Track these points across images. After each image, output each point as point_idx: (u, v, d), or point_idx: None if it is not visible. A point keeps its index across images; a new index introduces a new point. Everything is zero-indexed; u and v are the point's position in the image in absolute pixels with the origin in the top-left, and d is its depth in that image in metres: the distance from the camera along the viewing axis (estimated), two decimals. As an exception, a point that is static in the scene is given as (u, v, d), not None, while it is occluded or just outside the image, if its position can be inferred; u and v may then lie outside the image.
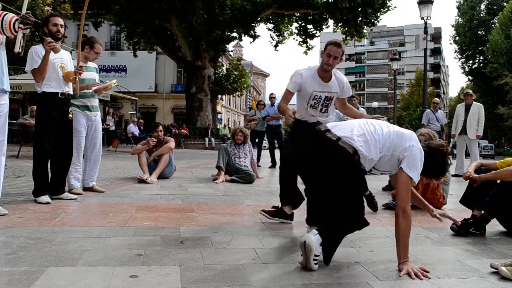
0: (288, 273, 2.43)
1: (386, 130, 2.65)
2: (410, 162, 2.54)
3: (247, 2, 22.47)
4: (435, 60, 71.81)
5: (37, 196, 4.36)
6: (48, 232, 3.11)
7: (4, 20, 3.44)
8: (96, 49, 5.18)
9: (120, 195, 5.14)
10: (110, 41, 36.97)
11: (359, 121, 2.78)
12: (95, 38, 5.28)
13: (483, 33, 43.46)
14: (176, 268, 2.39)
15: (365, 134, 2.60)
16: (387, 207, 4.75)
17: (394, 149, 2.59)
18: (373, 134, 2.61)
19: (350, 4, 20.29)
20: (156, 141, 6.96)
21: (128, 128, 18.54)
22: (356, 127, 2.66)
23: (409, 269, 2.42)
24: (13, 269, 2.26)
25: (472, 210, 3.71)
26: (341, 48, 3.78)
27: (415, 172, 2.54)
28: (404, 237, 2.53)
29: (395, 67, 24.29)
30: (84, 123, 5.07)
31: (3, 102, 3.73)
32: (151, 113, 36.72)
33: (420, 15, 14.36)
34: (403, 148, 2.56)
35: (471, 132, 9.45)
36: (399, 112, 49.45)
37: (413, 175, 2.53)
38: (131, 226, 3.45)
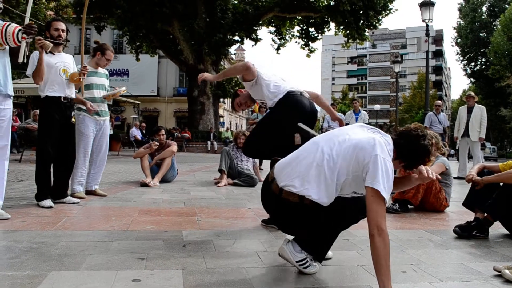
0: (291, 276, 2.42)
1: (345, 150, 2.25)
2: (370, 175, 2.14)
3: (249, 6, 22.53)
4: (437, 62, 71.79)
5: (40, 200, 4.37)
6: (50, 236, 3.11)
7: (7, 30, 3.47)
8: (107, 55, 5.22)
9: (122, 199, 5.15)
10: (113, 45, 37.02)
11: (313, 148, 2.37)
12: (107, 45, 5.33)
13: (485, 35, 43.40)
14: (179, 272, 2.39)
15: (312, 169, 2.28)
16: (386, 211, 4.72)
17: (354, 170, 2.22)
18: (327, 165, 2.25)
19: (352, 7, 20.29)
20: (158, 145, 6.97)
21: (131, 131, 18.55)
22: (305, 162, 2.33)
23: None
24: (16, 273, 2.27)
25: (475, 213, 3.70)
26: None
27: (378, 183, 2.11)
28: (386, 259, 2.09)
29: (397, 70, 24.30)
30: (93, 128, 5.09)
31: (6, 107, 3.75)
32: (153, 117, 36.76)
33: (422, 18, 14.37)
34: (364, 164, 2.18)
35: (474, 134, 9.43)
36: (401, 114, 49.39)
37: (379, 187, 2.11)
38: (134, 230, 3.46)
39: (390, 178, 2.17)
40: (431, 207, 4.77)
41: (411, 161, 2.38)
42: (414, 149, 2.33)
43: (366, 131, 2.37)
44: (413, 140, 2.34)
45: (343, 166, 2.24)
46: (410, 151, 2.34)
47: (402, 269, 2.58)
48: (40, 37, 4.20)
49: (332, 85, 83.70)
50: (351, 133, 2.34)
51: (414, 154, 2.35)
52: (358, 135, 2.31)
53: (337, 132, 2.39)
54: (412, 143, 2.34)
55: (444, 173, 4.78)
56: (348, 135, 2.32)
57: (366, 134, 2.31)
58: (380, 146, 2.21)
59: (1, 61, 3.67)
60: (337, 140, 2.31)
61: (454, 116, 38.64)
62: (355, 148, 2.22)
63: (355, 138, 2.28)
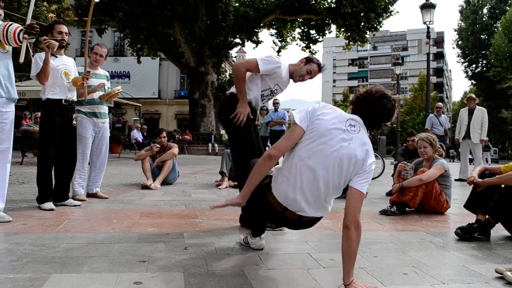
0: (292, 278, 2.42)
1: (345, 171, 2.32)
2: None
3: (250, 8, 22.56)
4: (438, 64, 71.81)
5: (41, 202, 4.37)
6: (52, 239, 3.12)
7: (8, 30, 3.48)
8: (95, 49, 5.17)
9: (123, 201, 5.15)
10: (114, 47, 37.10)
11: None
12: (97, 44, 5.31)
13: (486, 37, 43.43)
14: (180, 274, 2.39)
15: (321, 199, 2.43)
16: (383, 213, 4.72)
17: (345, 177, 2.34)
18: (332, 192, 2.41)
19: (353, 9, 20.31)
20: (159, 147, 6.98)
21: (132, 134, 18.57)
22: (311, 193, 2.39)
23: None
24: (18, 276, 2.27)
25: (476, 215, 3.69)
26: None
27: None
28: (356, 250, 2.20)
29: (398, 72, 24.28)
30: (91, 130, 5.08)
31: (9, 110, 3.77)
32: (154, 119, 36.77)
33: (423, 20, 14.35)
34: (355, 171, 2.32)
35: (475, 136, 9.42)
36: (402, 116, 49.32)
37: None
38: (135, 232, 3.46)
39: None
40: (432, 210, 4.77)
41: (371, 122, 2.44)
42: (373, 107, 2.40)
43: (343, 133, 2.33)
44: (373, 100, 2.42)
45: (341, 183, 2.36)
46: (370, 110, 2.41)
47: (403, 272, 2.57)
48: (46, 37, 4.21)
49: (333, 87, 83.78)
50: (338, 146, 2.29)
51: (373, 114, 2.42)
52: (346, 147, 2.29)
53: (328, 151, 2.29)
54: (371, 102, 2.42)
55: (443, 175, 4.78)
56: (336, 150, 2.28)
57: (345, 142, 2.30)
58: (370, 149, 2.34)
59: (4, 63, 3.68)
60: (331, 161, 2.29)
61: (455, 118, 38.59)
62: (350, 161, 2.28)
63: (346, 152, 2.28)
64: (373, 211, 4.89)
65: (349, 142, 2.28)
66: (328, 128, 2.31)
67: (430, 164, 4.86)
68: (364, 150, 2.30)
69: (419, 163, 5.05)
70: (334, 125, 2.33)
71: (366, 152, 2.31)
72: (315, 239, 3.38)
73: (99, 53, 5.19)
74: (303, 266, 2.63)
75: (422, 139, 4.92)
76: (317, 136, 2.31)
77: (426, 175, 4.64)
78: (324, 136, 2.30)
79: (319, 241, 3.31)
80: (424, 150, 4.88)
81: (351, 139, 2.29)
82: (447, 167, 4.82)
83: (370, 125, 2.45)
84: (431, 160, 4.89)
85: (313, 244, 3.21)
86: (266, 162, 2.35)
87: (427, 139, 4.89)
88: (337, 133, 2.30)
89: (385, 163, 10.01)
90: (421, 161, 5.06)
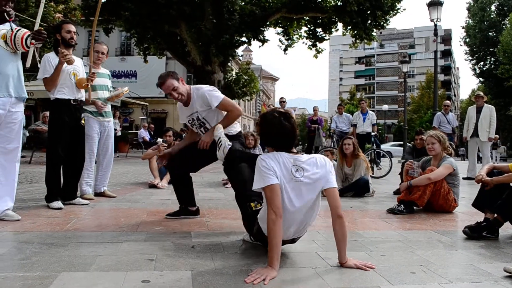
0: (300, 277, 2.42)
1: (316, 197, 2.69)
2: (328, 181, 2.64)
3: (256, 7, 22.52)
4: (446, 62, 71.35)
5: (50, 201, 4.41)
6: (60, 238, 3.14)
7: (16, 36, 3.53)
8: (95, 48, 5.17)
9: (131, 200, 5.18)
10: (121, 47, 37.22)
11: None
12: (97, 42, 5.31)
13: (494, 34, 43.04)
14: (188, 273, 2.40)
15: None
16: (390, 211, 4.71)
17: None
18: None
19: (359, 7, 20.20)
20: (166, 146, 6.99)
21: (139, 133, 18.65)
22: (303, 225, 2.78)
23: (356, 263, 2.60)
24: (27, 274, 2.29)
25: (484, 214, 3.67)
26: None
27: (335, 183, 2.67)
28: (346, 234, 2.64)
29: (405, 70, 24.16)
30: (97, 129, 5.12)
31: (18, 110, 3.80)
32: (161, 118, 36.85)
33: (430, 17, 14.27)
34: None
35: (483, 134, 9.35)
36: (409, 115, 49.12)
37: (336, 185, 2.68)
38: (143, 231, 3.47)
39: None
40: (440, 209, 4.74)
41: (266, 141, 2.79)
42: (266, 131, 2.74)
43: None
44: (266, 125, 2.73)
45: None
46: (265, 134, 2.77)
47: (411, 270, 2.57)
48: (67, 52, 4.23)
49: (340, 85, 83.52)
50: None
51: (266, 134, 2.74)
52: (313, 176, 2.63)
53: (303, 187, 2.61)
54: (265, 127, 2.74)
55: (451, 174, 4.75)
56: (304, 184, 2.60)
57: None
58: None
59: (14, 64, 3.71)
60: (308, 196, 2.63)
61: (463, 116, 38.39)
62: (319, 186, 2.64)
63: (314, 179, 2.62)
64: (380, 210, 4.88)
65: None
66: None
67: (438, 162, 4.83)
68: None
69: (427, 161, 5.03)
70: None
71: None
72: (323, 238, 3.38)
73: (100, 51, 5.20)
74: (310, 265, 2.63)
75: (431, 135, 4.90)
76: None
77: (434, 174, 4.62)
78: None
79: (326, 240, 3.31)
80: (432, 146, 4.86)
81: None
82: (456, 166, 4.79)
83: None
84: (439, 158, 4.86)
85: (320, 243, 3.21)
86: (277, 223, 2.45)
87: (436, 136, 4.86)
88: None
89: (392, 161, 9.97)
90: (429, 159, 5.04)
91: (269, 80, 77.53)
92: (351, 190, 6.12)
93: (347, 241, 2.61)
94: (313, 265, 2.62)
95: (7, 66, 3.64)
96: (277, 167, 2.54)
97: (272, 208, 2.45)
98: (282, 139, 2.65)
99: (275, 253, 2.42)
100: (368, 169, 6.37)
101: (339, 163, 6.39)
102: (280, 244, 2.47)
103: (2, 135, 3.71)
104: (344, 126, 11.80)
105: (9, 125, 3.73)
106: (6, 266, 2.45)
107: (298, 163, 2.60)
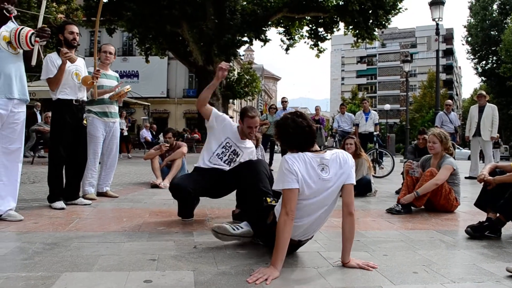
0: (302, 277, 2.42)
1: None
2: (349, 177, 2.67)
3: (257, 7, 22.53)
4: (448, 61, 71.25)
5: (52, 201, 4.41)
6: (63, 238, 3.14)
7: (20, 34, 3.53)
8: (103, 48, 5.23)
9: (133, 200, 5.18)
10: (123, 47, 37.28)
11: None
12: (105, 44, 5.35)
13: (496, 33, 42.92)
14: (190, 273, 2.40)
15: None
16: (389, 211, 4.70)
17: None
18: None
19: (361, 6, 20.20)
20: (168, 146, 7.00)
21: (141, 133, 18.65)
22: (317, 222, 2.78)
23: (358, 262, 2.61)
24: (29, 274, 2.29)
25: (487, 213, 3.66)
26: (257, 116, 3.89)
27: (353, 179, 2.68)
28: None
29: (407, 69, 24.13)
30: (102, 129, 5.13)
31: (20, 110, 3.81)
32: (163, 118, 36.91)
33: (432, 17, 14.25)
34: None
35: (485, 133, 9.34)
36: (411, 114, 49.10)
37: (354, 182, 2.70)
38: (145, 231, 3.48)
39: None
40: (442, 208, 4.74)
41: (286, 143, 2.72)
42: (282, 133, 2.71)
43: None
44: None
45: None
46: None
47: (413, 270, 2.57)
48: (67, 51, 4.25)
49: (342, 85, 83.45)
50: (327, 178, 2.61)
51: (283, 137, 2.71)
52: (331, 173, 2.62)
53: (323, 185, 2.60)
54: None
55: (452, 173, 4.74)
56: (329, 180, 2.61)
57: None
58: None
59: (16, 65, 3.72)
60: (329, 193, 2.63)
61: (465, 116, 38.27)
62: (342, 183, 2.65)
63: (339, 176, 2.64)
64: (383, 210, 4.87)
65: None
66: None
67: (438, 161, 4.83)
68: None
69: (427, 160, 5.02)
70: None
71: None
72: (325, 238, 3.37)
73: (108, 51, 5.23)
74: (312, 265, 2.63)
75: (434, 134, 4.89)
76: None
77: (439, 179, 4.60)
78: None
79: (328, 240, 3.31)
80: (432, 145, 4.85)
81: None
82: (456, 165, 4.78)
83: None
84: (439, 157, 4.86)
85: (323, 243, 3.21)
86: (288, 225, 2.47)
87: (438, 135, 4.85)
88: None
89: (394, 161, 9.96)
90: (429, 157, 5.03)
91: (271, 80, 77.56)
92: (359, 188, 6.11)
93: (353, 241, 2.63)
94: (315, 265, 2.62)
95: (10, 67, 3.65)
96: (303, 167, 2.53)
97: (286, 209, 2.45)
98: (300, 137, 2.62)
99: (280, 254, 2.42)
100: (370, 168, 6.37)
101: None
102: (287, 245, 2.46)
103: (4, 135, 3.72)
104: (346, 126, 11.80)
105: (11, 125, 3.74)
106: (9, 266, 2.46)
107: (324, 161, 2.59)
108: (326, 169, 2.58)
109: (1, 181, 3.74)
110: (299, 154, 2.59)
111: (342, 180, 2.62)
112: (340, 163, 2.62)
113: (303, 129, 2.61)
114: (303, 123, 2.61)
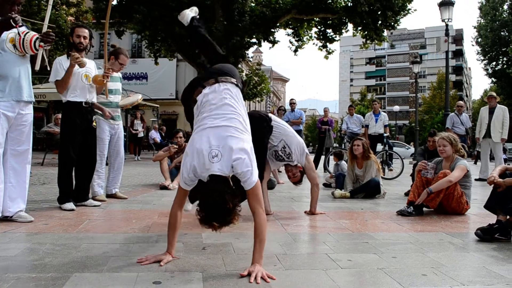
0: (310, 279, 2.42)
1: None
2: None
3: (266, 8, 22.53)
4: (457, 62, 70.81)
5: (62, 203, 4.45)
6: (73, 239, 3.17)
7: (25, 39, 3.57)
8: (121, 59, 5.24)
9: (142, 201, 5.21)
10: (132, 49, 37.44)
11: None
12: (121, 50, 5.35)
13: (506, 34, 42.56)
14: (199, 275, 2.41)
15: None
16: (400, 213, 4.66)
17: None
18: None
19: (370, 7, 20.12)
20: (177, 148, 7.02)
21: (150, 134, 18.72)
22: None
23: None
24: (40, 275, 2.31)
25: (497, 215, 3.63)
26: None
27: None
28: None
29: (416, 70, 24.02)
30: (108, 132, 5.16)
31: (27, 112, 3.84)
32: (172, 120, 36.97)
33: (441, 17, 14.17)
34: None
35: (496, 135, 9.26)
36: (421, 115, 48.77)
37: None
38: (154, 232, 3.49)
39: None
40: (453, 211, 4.70)
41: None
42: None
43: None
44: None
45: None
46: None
47: (422, 272, 2.55)
48: (78, 55, 4.28)
49: (351, 86, 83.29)
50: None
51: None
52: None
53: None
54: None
55: (464, 175, 4.71)
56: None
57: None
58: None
59: (23, 67, 3.75)
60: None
61: (475, 117, 37.97)
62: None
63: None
64: (392, 211, 4.85)
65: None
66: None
67: (450, 164, 4.79)
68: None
69: (439, 162, 4.99)
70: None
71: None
72: (333, 240, 3.37)
73: (124, 64, 5.31)
74: (321, 267, 2.63)
75: (443, 137, 4.86)
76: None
77: (454, 176, 4.56)
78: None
79: (337, 242, 3.30)
80: (443, 148, 4.81)
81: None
82: (468, 167, 4.75)
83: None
84: (450, 160, 4.82)
85: (331, 245, 3.20)
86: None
87: (447, 138, 4.82)
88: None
89: (404, 163, 9.91)
90: (440, 160, 5.00)
91: (280, 81, 77.46)
92: (362, 192, 6.10)
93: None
94: (323, 267, 2.62)
95: (16, 70, 3.68)
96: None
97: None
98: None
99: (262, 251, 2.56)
100: (379, 170, 6.34)
101: (349, 165, 6.36)
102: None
103: (12, 137, 3.76)
104: (355, 127, 11.75)
105: (19, 127, 3.77)
106: (19, 267, 2.48)
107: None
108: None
109: (10, 183, 3.77)
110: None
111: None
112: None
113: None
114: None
